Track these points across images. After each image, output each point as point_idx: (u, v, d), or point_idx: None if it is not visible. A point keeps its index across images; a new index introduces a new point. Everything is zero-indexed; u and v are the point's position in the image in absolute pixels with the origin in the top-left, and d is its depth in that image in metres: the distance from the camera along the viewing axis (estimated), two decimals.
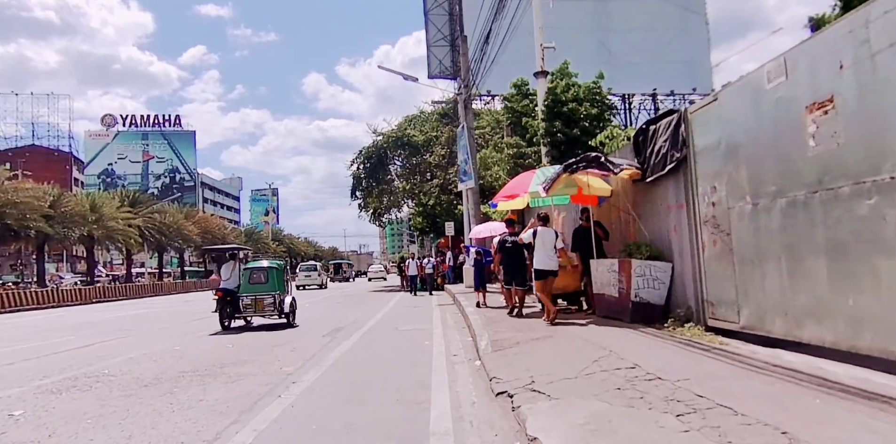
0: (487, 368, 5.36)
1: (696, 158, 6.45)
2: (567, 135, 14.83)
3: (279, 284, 10.88)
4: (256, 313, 10.78)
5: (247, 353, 7.69)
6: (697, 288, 6.49)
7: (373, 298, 21.20)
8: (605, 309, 7.92)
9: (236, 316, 10.84)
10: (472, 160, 17.30)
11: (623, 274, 7.28)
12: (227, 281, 11.16)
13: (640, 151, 7.76)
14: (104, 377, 6.31)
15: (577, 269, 8.96)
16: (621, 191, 8.65)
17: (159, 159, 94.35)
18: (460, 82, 17.94)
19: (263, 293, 10.63)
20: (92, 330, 12.34)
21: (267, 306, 10.62)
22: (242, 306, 10.63)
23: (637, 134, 7.85)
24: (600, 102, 16.05)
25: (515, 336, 6.82)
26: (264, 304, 10.61)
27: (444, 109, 30.63)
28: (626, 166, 7.61)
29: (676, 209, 6.95)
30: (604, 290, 7.84)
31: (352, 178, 30.47)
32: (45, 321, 15.86)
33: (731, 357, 4.79)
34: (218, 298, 10.80)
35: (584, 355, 5.26)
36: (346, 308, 15.92)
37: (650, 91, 39.72)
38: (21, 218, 27.32)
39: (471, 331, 8.32)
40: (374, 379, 5.50)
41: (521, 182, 9.38)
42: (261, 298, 10.60)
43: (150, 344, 9.25)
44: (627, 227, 8.54)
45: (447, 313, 12.72)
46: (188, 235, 47.93)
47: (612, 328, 6.88)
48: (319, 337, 9.17)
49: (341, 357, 6.96)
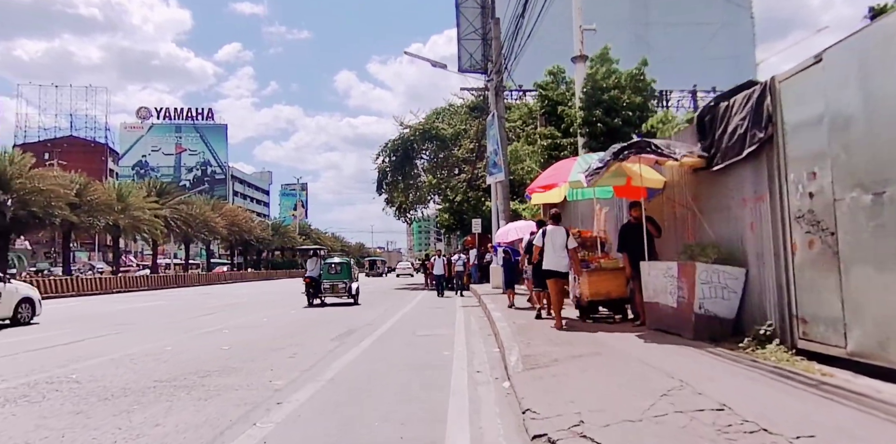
0: (519, 394, 4.22)
1: (787, 137, 5.18)
2: (607, 124, 13.55)
3: (348, 274, 15.29)
4: (333, 295, 15.09)
5: (240, 358, 6.71)
6: (783, 300, 5.23)
7: (395, 296, 20.22)
8: (658, 321, 6.69)
9: (319, 296, 15.01)
10: (503, 152, 16.12)
11: (684, 280, 6.04)
12: (311, 271, 15.24)
13: (706, 134, 6.50)
14: (67, 384, 5.39)
15: (624, 272, 7.73)
16: (678, 182, 7.39)
17: (191, 152, 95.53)
18: (491, 67, 16.75)
19: (338, 280, 15.03)
20: (92, 323, 11.61)
21: (340, 289, 15.06)
22: (323, 289, 14.95)
23: (702, 114, 6.58)
24: (644, 90, 14.71)
25: (552, 351, 5.66)
26: (338, 288, 15.03)
27: (473, 102, 29.54)
28: (687, 153, 6.36)
29: (754, 202, 5.68)
30: (657, 298, 6.60)
31: (377, 171, 29.56)
32: (52, 312, 15.32)
33: (852, 399, 3.55)
34: (306, 283, 15.13)
35: (646, 384, 4.07)
36: (365, 307, 14.95)
37: (690, 88, 37.89)
38: (46, 205, 27.19)
39: (497, 340, 7.19)
40: (378, 404, 4.42)
41: (559, 171, 8.15)
42: (336, 283, 15.00)
43: (143, 342, 8.39)
44: (684, 224, 7.28)
45: (471, 316, 11.61)
46: (214, 227, 47.87)
47: (671, 347, 5.65)
48: (327, 341, 8.17)
49: (344, 369, 5.91)
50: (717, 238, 6.31)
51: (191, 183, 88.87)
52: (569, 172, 7.84)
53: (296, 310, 14.19)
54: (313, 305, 14.85)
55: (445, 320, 11.05)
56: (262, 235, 60.50)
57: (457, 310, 13.12)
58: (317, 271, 15.15)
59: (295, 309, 14.35)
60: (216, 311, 14.43)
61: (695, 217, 6.91)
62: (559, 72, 16.80)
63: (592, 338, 6.47)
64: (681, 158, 6.20)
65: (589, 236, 8.64)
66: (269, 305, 16.39)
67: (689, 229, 7.13)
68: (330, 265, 15.22)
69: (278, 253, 71.53)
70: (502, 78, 15.95)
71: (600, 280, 7.85)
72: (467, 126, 27.88)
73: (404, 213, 31.28)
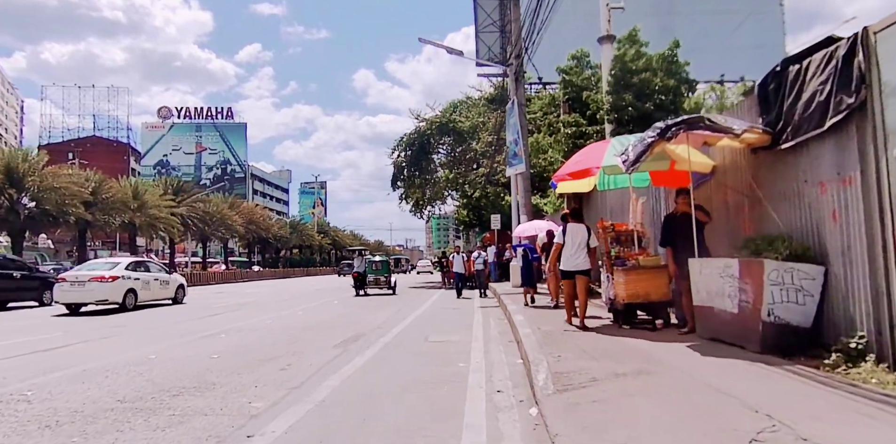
0: (551, 429, 3.28)
1: (886, 103, 4.13)
2: (638, 109, 12.47)
3: (387, 269, 19.22)
4: (376, 287, 18.79)
5: (226, 370, 5.86)
6: (879, 307, 4.19)
7: (411, 294, 19.36)
8: (712, 329, 5.66)
9: (364, 288, 18.53)
10: (523, 141, 15.08)
11: (748, 281, 5.01)
12: (358, 267, 18.79)
13: (771, 106, 5.45)
14: (15, 403, 4.59)
15: (667, 270, 6.72)
16: (731, 166, 6.35)
17: (212, 151, 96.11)
18: (511, 50, 15.70)
19: (379, 275, 18.78)
20: (90, 325, 10.93)
21: (382, 282, 18.80)
22: (367, 283, 18.57)
23: (766, 81, 5.51)
24: (677, 73, 13.56)
25: (589, 367, 4.69)
26: (380, 281, 18.78)
27: (492, 94, 28.51)
28: (748, 128, 5.33)
29: (838, 186, 4.63)
30: (712, 302, 5.57)
31: (392, 166, 28.67)
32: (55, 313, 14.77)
33: None
34: (354, 277, 18.76)
35: (722, 421, 3.09)
36: (378, 307, 14.10)
37: (716, 78, 36.38)
38: (60, 203, 26.91)
39: (521, 349, 6.24)
40: (370, 440, 3.51)
41: (590, 155, 7.12)
42: (378, 277, 18.76)
43: (131, 348, 7.61)
44: (738, 215, 6.24)
45: (490, 318, 10.66)
46: (232, 224, 47.61)
47: (737, 363, 4.64)
48: (329, 348, 7.30)
49: (340, 388, 5.01)
50: (787, 230, 5.26)
51: (211, 182, 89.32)
52: (601, 157, 6.82)
53: (304, 311, 13.41)
54: (359, 295, 18.28)
55: (462, 322, 10.11)
56: (279, 233, 60.25)
57: (474, 311, 12.18)
58: (362, 268, 18.68)
59: (303, 310, 13.57)
60: (224, 311, 13.70)
61: (754, 206, 5.87)
62: (583, 56, 15.70)
63: (634, 349, 5.47)
64: (742, 134, 5.17)
65: (624, 229, 7.62)
66: (278, 305, 15.63)
67: (745, 221, 6.09)
68: (373, 263, 19.06)
69: (296, 251, 71.32)
70: (522, 62, 14.89)
71: (638, 280, 6.83)
72: (485, 119, 26.85)
73: (421, 209, 30.36)
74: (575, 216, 7.72)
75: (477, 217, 30.08)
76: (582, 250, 7.33)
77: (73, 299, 13.47)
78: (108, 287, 13.36)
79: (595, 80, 14.93)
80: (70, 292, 13.42)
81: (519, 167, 15.44)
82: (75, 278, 13.50)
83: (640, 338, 6.10)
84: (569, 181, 7.56)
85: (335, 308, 14.12)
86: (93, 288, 13.25)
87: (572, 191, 8.56)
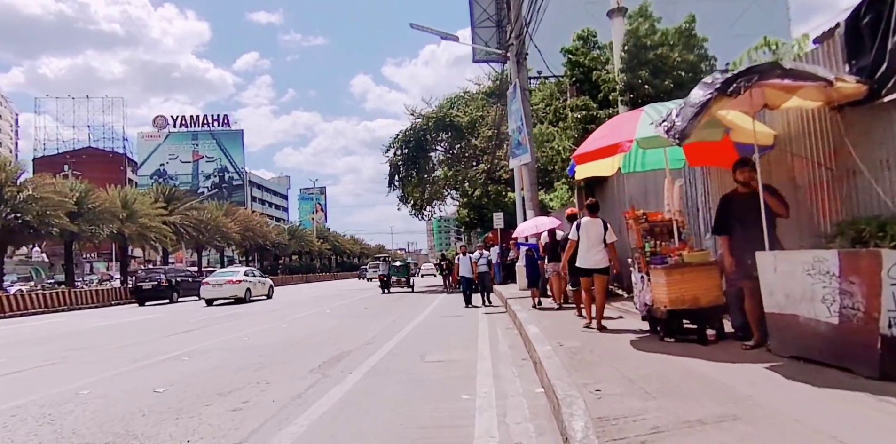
0: None
1: None
2: (656, 87, 11.14)
3: (407, 272, 23.94)
4: (398, 286, 22.80)
5: (162, 413, 4.51)
6: None
7: (411, 300, 18.02)
8: (795, 344, 4.28)
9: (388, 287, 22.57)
10: (528, 129, 13.74)
11: (855, 280, 3.64)
12: (381, 271, 24.18)
13: (862, 48, 4.11)
14: None
15: (717, 268, 5.36)
16: (799, 132, 5.00)
17: (209, 159, 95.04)
18: (511, 28, 14.35)
19: (401, 277, 23.21)
20: (41, 348, 9.58)
21: (403, 283, 23.04)
22: (391, 283, 22.63)
23: (857, 14, 4.16)
24: (697, 47, 12.23)
25: (645, 409, 3.32)
26: (401, 281, 23.04)
27: (490, 88, 27.21)
28: (837, 77, 3.98)
29: None
30: (795, 308, 4.19)
31: (389, 165, 27.29)
32: (20, 331, 13.45)
33: None
34: (380, 278, 23.73)
35: None
36: (372, 316, 12.76)
37: (721, 68, 35.11)
38: (42, 214, 25.57)
39: (540, 373, 4.88)
40: None
41: (620, 128, 5.69)
42: (399, 279, 23.08)
43: (64, 381, 6.24)
44: (815, 194, 4.88)
45: (497, 326, 9.32)
46: (227, 232, 46.24)
47: (860, 397, 3.27)
48: (304, 374, 5.95)
49: (299, 442, 3.66)
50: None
51: (209, 190, 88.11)
52: (633, 129, 5.44)
53: (287, 323, 12.05)
54: (385, 293, 22.04)
55: (465, 334, 8.75)
56: (277, 239, 58.86)
57: (479, 319, 10.82)
58: (385, 270, 23.59)
59: (287, 323, 12.20)
60: (199, 327, 12.33)
61: (839, 182, 4.51)
62: (590, 36, 14.35)
63: (700, 377, 4.09)
64: (836, 82, 3.81)
65: (659, 219, 6.26)
66: (261, 317, 14.26)
67: (824, 202, 4.73)
68: (396, 266, 24.28)
69: (295, 257, 69.97)
70: (522, 41, 13.54)
71: (683, 281, 5.46)
72: (485, 113, 25.51)
73: (420, 210, 28.99)
74: (591, 210, 7.16)
75: (478, 217, 28.70)
76: (598, 247, 6.85)
77: (213, 295, 19.79)
78: (236, 287, 19.83)
79: (604, 60, 13.59)
80: (212, 291, 19.82)
81: (524, 157, 14.08)
82: (215, 282, 20.07)
83: (696, 357, 4.73)
84: (590, 163, 6.16)
85: (325, 320, 12.75)
86: (227, 288, 19.78)
87: (593, 175, 7.21)
